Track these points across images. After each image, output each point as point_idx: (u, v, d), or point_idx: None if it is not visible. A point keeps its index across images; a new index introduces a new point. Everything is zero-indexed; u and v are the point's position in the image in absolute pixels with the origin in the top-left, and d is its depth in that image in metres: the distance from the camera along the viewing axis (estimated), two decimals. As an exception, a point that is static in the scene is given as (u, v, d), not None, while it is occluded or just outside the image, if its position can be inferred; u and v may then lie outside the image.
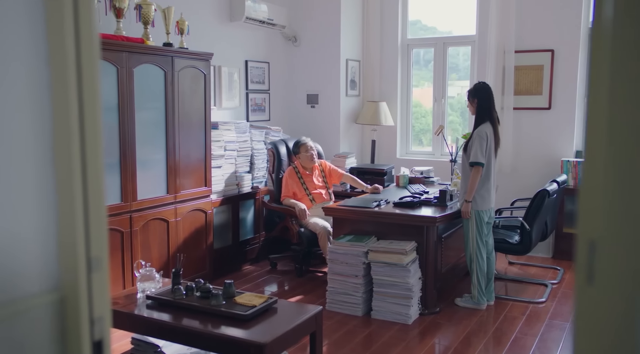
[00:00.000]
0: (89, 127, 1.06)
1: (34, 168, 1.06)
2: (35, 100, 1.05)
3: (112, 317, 3.17)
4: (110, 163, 3.98)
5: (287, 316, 3.09)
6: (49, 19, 1.04)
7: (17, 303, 1.03)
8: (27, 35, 1.04)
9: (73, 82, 1.03)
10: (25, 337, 1.03)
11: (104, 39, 3.87)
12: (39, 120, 1.05)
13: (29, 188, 1.05)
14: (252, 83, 6.09)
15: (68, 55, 1.02)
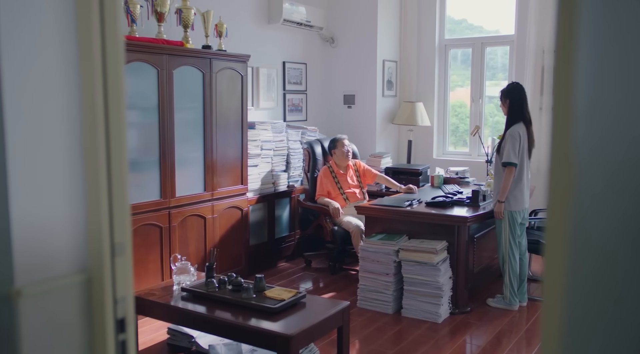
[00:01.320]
0: (113, 126, 1.17)
1: (66, 164, 1.18)
2: (67, 100, 1.17)
3: (150, 308, 3.34)
4: (151, 161, 4.16)
5: (315, 310, 3.18)
6: (79, 27, 1.16)
7: (51, 282, 1.15)
8: (60, 40, 1.16)
9: (99, 82, 1.15)
10: (57, 311, 1.15)
11: (145, 42, 4.05)
12: (71, 120, 1.17)
13: (61, 182, 1.18)
14: (290, 84, 6.21)
15: (94, 58, 1.14)
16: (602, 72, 0.73)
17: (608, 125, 0.71)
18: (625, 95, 0.67)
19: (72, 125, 1.17)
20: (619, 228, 0.75)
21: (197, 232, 4.59)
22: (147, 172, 4.16)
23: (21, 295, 1.10)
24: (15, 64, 1.10)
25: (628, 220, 0.73)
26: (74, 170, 1.19)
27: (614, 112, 0.72)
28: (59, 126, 1.16)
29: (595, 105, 0.68)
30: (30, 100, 1.12)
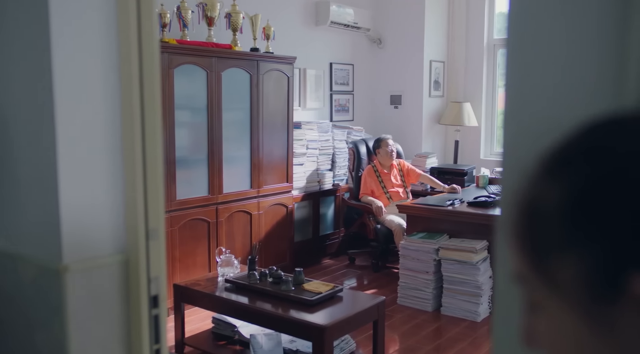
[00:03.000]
0: (149, 125, 1.33)
1: (108, 159, 1.34)
2: (109, 100, 1.33)
3: (196, 297, 3.53)
4: (200, 159, 4.38)
5: (350, 303, 3.29)
6: (120, 33, 1.32)
7: (93, 260, 1.32)
8: (103, 45, 1.32)
9: (136, 83, 1.30)
10: (99, 286, 1.32)
11: (196, 46, 4.26)
12: (112, 119, 1.34)
13: (103, 174, 1.34)
14: (337, 85, 6.33)
15: (132, 61, 1.30)
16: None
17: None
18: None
19: (114, 123, 1.33)
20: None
21: (243, 228, 4.77)
22: (196, 169, 4.38)
23: (68, 270, 1.26)
24: (64, 68, 1.27)
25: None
26: (115, 164, 1.35)
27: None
28: (102, 123, 1.32)
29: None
30: (76, 99, 1.29)
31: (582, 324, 0.41)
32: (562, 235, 0.41)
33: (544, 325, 0.44)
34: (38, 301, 1.36)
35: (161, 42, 4.07)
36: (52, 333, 1.33)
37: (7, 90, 1.41)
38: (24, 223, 1.40)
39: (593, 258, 0.39)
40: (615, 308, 0.39)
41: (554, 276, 0.42)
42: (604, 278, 0.39)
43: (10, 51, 1.38)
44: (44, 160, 1.31)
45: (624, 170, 0.39)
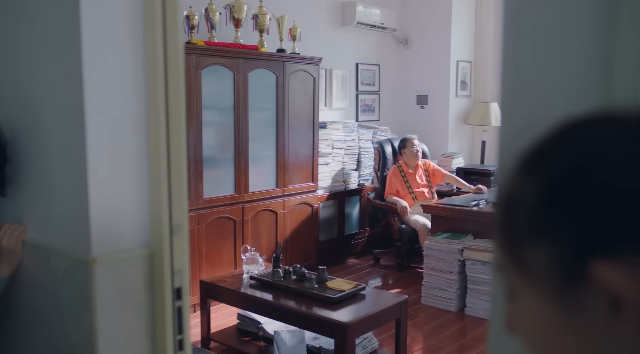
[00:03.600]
0: (173, 126, 1.39)
1: (134, 157, 1.41)
2: (136, 102, 1.39)
3: (222, 293, 3.60)
4: (226, 158, 4.46)
5: (373, 302, 3.32)
6: (147, 38, 1.38)
7: (120, 252, 1.38)
8: (130, 47, 1.39)
9: (161, 85, 1.36)
10: (125, 278, 1.38)
11: (223, 47, 4.34)
12: (138, 118, 1.40)
13: (130, 171, 1.40)
14: (362, 85, 6.36)
15: (158, 65, 1.36)
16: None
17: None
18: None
19: (140, 123, 1.40)
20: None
21: (268, 226, 4.84)
22: (222, 168, 4.46)
23: (96, 262, 1.33)
24: (93, 69, 1.33)
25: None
26: (141, 163, 1.41)
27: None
28: (129, 123, 1.39)
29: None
30: (105, 99, 1.35)
31: (553, 309, 0.44)
32: (533, 226, 0.44)
33: (520, 311, 0.48)
34: (69, 292, 1.43)
35: (189, 43, 4.16)
36: (81, 321, 1.40)
37: (39, 89, 1.49)
38: (56, 217, 1.47)
39: (561, 247, 0.42)
40: (581, 293, 0.42)
41: (527, 265, 0.45)
42: (570, 266, 0.42)
43: (43, 51, 1.46)
44: (74, 158, 1.38)
45: (589, 167, 0.42)
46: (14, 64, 1.57)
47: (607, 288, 0.40)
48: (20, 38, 1.54)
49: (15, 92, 1.58)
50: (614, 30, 0.61)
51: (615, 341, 0.42)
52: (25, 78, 1.54)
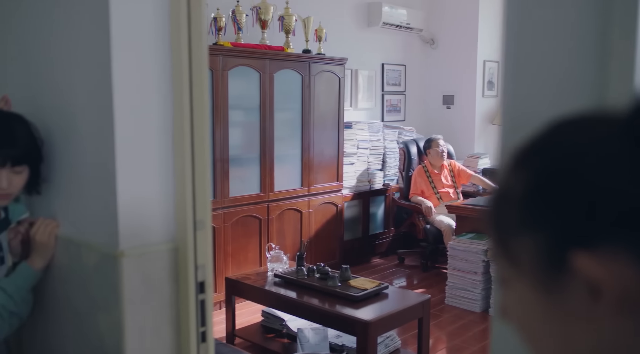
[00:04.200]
0: (197, 125, 1.44)
1: (160, 155, 1.46)
2: (162, 103, 1.45)
3: (246, 291, 3.66)
4: (252, 157, 4.52)
5: (395, 300, 3.34)
6: (173, 42, 1.44)
7: (146, 247, 1.44)
8: (157, 51, 1.45)
9: (186, 87, 1.42)
10: (151, 271, 1.44)
11: (249, 48, 4.41)
12: (165, 118, 1.46)
13: (156, 169, 1.46)
14: (388, 85, 6.37)
15: (183, 68, 1.41)
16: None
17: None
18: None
19: (166, 124, 1.46)
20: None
21: (293, 225, 4.89)
22: (248, 167, 4.53)
23: (124, 255, 1.39)
24: (122, 71, 1.39)
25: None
26: (166, 161, 1.47)
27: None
28: (155, 123, 1.45)
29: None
30: (132, 99, 1.41)
31: (538, 296, 0.47)
32: (521, 218, 0.47)
33: (511, 298, 0.51)
34: (98, 284, 1.50)
35: (216, 45, 4.24)
36: (110, 312, 1.46)
37: (72, 92, 1.56)
38: (87, 213, 1.54)
39: (545, 238, 0.46)
40: (563, 281, 0.45)
41: (515, 255, 0.49)
42: (553, 256, 0.45)
43: (75, 56, 1.53)
44: (103, 157, 1.44)
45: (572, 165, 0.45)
46: (50, 69, 1.65)
47: (587, 277, 0.43)
48: (54, 44, 1.62)
49: (51, 96, 1.65)
50: (608, 35, 0.64)
51: (595, 325, 0.44)
52: (60, 83, 1.61)
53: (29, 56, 1.74)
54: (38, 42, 1.69)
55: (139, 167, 1.44)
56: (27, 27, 1.74)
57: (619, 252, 0.42)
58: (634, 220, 0.41)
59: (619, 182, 0.42)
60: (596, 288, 0.43)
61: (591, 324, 0.44)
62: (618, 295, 0.42)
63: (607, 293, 0.42)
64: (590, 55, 0.69)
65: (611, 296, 0.42)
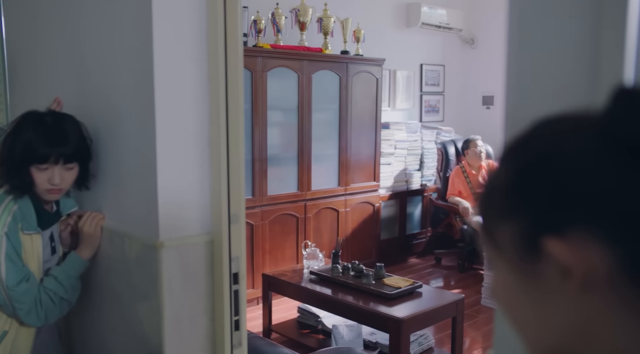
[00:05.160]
0: (232, 124, 1.53)
1: (197, 153, 1.56)
2: (199, 103, 1.54)
3: (283, 287, 3.75)
4: (290, 157, 4.62)
5: (428, 299, 3.37)
6: (210, 46, 1.53)
7: (184, 239, 1.54)
8: (195, 53, 1.54)
9: (222, 88, 1.51)
10: (188, 261, 1.53)
11: (288, 50, 4.51)
12: (202, 118, 1.55)
13: (194, 166, 1.56)
14: (427, 86, 6.37)
15: (219, 69, 1.50)
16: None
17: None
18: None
19: (203, 123, 1.55)
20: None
21: (330, 224, 4.96)
22: (286, 166, 4.62)
23: (163, 246, 1.49)
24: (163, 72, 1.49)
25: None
26: (203, 158, 1.56)
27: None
28: (193, 122, 1.54)
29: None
30: (172, 100, 1.51)
31: (517, 277, 0.53)
32: (503, 207, 0.53)
33: (496, 280, 0.56)
34: (140, 273, 1.60)
35: (256, 46, 4.35)
36: (150, 300, 1.56)
37: (117, 96, 1.67)
38: (130, 206, 1.65)
39: (522, 225, 0.51)
40: (538, 264, 0.50)
41: (498, 240, 0.54)
42: (529, 241, 0.50)
43: (120, 56, 1.64)
44: (145, 155, 1.54)
45: (546, 160, 0.50)
46: (97, 72, 1.77)
47: (557, 260, 0.48)
48: (101, 49, 1.73)
49: (98, 98, 1.77)
50: (599, 43, 0.68)
51: (567, 304, 0.49)
52: (106, 85, 1.73)
53: (78, 60, 1.87)
54: (86, 47, 1.82)
55: (178, 164, 1.53)
56: (75, 33, 1.87)
57: (585, 237, 0.47)
58: (598, 208, 0.46)
59: (585, 175, 0.47)
60: (566, 270, 0.48)
61: (564, 303, 0.49)
62: (585, 276, 0.47)
63: (575, 274, 0.47)
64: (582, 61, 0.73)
65: (579, 277, 0.47)
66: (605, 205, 0.46)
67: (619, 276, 0.47)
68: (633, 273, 0.46)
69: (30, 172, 1.60)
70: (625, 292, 0.47)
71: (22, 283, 1.60)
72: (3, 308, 1.63)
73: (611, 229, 0.46)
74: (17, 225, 1.61)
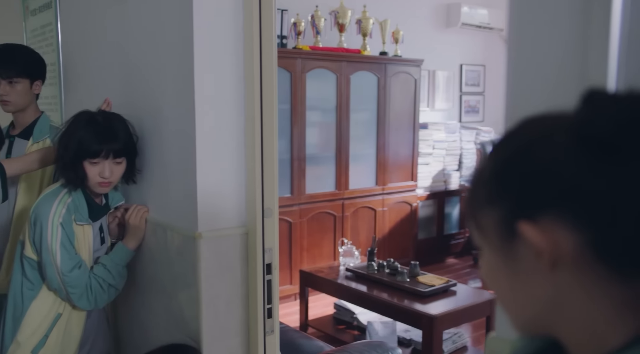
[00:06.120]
0: (267, 122, 1.62)
1: (234, 150, 1.66)
2: (236, 103, 1.65)
3: (319, 283, 3.84)
4: (328, 156, 4.71)
5: (462, 297, 3.40)
6: (246, 51, 1.63)
7: (221, 231, 1.64)
8: (232, 58, 1.64)
9: (257, 90, 1.61)
10: (224, 252, 1.64)
11: (326, 51, 4.60)
12: (238, 119, 1.65)
13: (230, 163, 1.66)
14: (467, 86, 6.36)
15: (254, 73, 1.60)
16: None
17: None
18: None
19: (239, 122, 1.65)
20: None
21: (367, 222, 5.03)
22: (324, 166, 4.72)
23: (201, 237, 1.60)
24: (201, 81, 1.60)
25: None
26: (239, 156, 1.67)
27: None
28: (230, 122, 1.65)
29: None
30: (211, 101, 1.62)
31: (498, 258, 0.59)
32: (486, 195, 0.60)
33: (483, 261, 0.63)
34: (181, 262, 1.72)
35: (295, 48, 4.46)
36: (189, 288, 1.68)
37: (161, 97, 1.80)
38: (172, 200, 1.77)
39: (501, 211, 0.58)
40: (515, 246, 0.57)
41: (482, 225, 0.61)
42: (507, 225, 0.57)
43: (163, 60, 1.76)
44: (185, 152, 1.66)
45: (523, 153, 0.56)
46: (142, 74, 1.90)
47: (531, 242, 0.55)
48: (145, 52, 1.86)
49: (143, 98, 1.90)
50: (586, 48, 0.74)
51: (542, 281, 0.56)
52: (150, 86, 1.86)
53: (125, 64, 2.01)
54: (131, 52, 1.95)
55: (216, 162, 1.64)
56: (122, 38, 2.01)
57: (554, 223, 0.53)
58: (566, 197, 0.53)
59: (556, 168, 0.54)
60: (538, 251, 0.54)
61: (538, 280, 0.56)
62: (554, 256, 0.54)
63: (545, 254, 0.54)
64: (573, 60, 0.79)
65: (548, 257, 0.54)
66: (572, 195, 0.53)
67: (584, 257, 0.53)
68: (596, 254, 0.53)
69: (83, 166, 1.74)
70: (590, 270, 0.54)
71: (74, 269, 1.74)
72: (58, 293, 1.78)
73: (577, 216, 0.53)
74: (70, 216, 1.76)
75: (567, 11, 0.80)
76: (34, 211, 1.76)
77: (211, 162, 1.63)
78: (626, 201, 0.51)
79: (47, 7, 2.74)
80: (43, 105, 2.47)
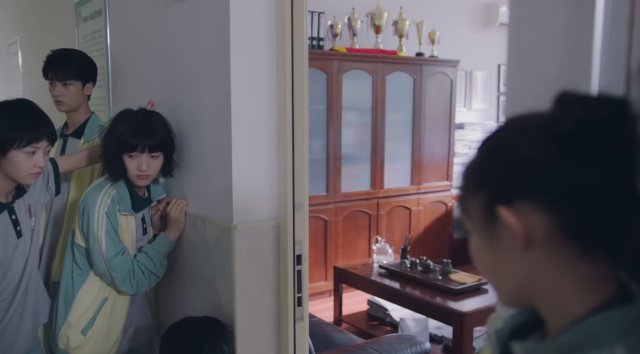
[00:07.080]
0: (298, 121, 1.73)
1: (267, 147, 1.78)
2: (269, 104, 1.76)
3: (353, 279, 3.93)
4: (363, 155, 4.79)
5: (494, 296, 3.42)
6: (278, 55, 1.74)
7: (254, 223, 1.76)
8: (265, 61, 1.76)
9: (289, 91, 1.72)
10: (257, 243, 1.75)
11: (362, 53, 4.69)
12: (271, 119, 1.76)
13: (263, 160, 1.78)
14: (505, 86, 6.33)
15: (286, 74, 1.71)
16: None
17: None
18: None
19: (272, 122, 1.76)
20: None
21: (402, 221, 5.09)
22: (360, 165, 4.80)
23: (236, 228, 1.72)
24: (237, 80, 1.72)
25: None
26: (272, 153, 1.78)
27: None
28: (263, 122, 1.76)
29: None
30: (246, 101, 1.74)
31: (482, 239, 0.68)
32: (472, 183, 0.68)
33: (471, 243, 0.71)
34: (218, 252, 1.84)
35: (332, 50, 4.56)
36: (225, 277, 1.80)
37: (198, 96, 1.92)
38: (210, 194, 1.89)
39: (484, 198, 0.66)
40: (495, 229, 0.65)
41: (469, 210, 0.69)
42: (488, 210, 0.65)
43: (202, 62, 1.89)
44: (222, 149, 1.78)
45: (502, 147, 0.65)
46: (182, 75, 2.04)
47: (507, 224, 0.63)
48: (185, 54, 1.99)
49: (183, 98, 2.04)
50: (573, 50, 0.81)
51: (519, 260, 0.64)
52: (190, 87, 1.99)
53: (167, 65, 2.15)
54: (173, 53, 2.09)
55: (250, 158, 1.76)
56: (163, 39, 2.15)
57: (528, 207, 0.61)
58: (538, 185, 0.61)
59: (529, 160, 0.62)
60: (514, 232, 0.63)
61: (515, 258, 0.64)
62: (527, 237, 0.62)
63: (520, 235, 0.62)
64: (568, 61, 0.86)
65: (523, 237, 0.62)
66: (541, 183, 0.61)
67: (554, 238, 0.61)
68: (563, 235, 0.61)
69: (123, 160, 1.88)
70: (559, 250, 0.62)
71: (118, 255, 1.89)
72: (103, 277, 1.93)
73: (546, 201, 0.61)
74: (115, 206, 1.90)
75: (559, 21, 0.87)
76: (83, 201, 1.92)
77: (246, 158, 1.75)
78: (587, 189, 0.59)
79: (97, 15, 2.93)
80: (93, 106, 2.65)
